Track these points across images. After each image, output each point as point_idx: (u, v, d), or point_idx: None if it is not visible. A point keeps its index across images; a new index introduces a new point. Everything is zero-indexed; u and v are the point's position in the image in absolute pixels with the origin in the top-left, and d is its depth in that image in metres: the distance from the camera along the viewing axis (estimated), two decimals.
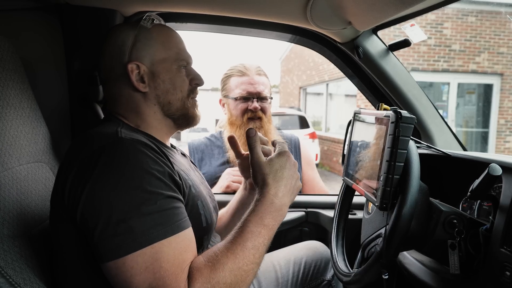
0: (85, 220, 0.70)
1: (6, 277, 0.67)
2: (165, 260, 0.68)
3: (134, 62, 0.89)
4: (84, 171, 0.72)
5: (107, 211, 0.68)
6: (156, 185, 0.72)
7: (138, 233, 0.67)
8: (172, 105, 0.93)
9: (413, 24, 1.33)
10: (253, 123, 1.60)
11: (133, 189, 0.70)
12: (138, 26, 0.92)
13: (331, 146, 10.35)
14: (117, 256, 0.67)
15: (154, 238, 0.68)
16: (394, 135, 0.86)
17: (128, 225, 0.67)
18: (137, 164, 0.73)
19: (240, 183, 1.54)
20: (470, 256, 0.86)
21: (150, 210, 0.69)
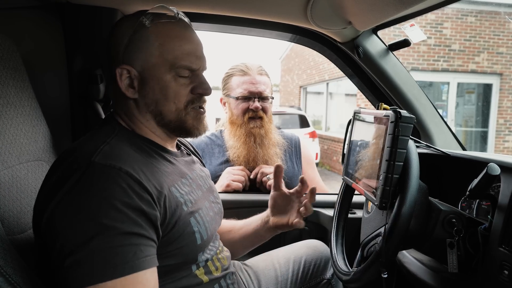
0: (45, 241, 0.69)
1: (6, 276, 0.67)
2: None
3: (124, 66, 0.81)
4: (51, 191, 0.69)
5: (60, 239, 0.65)
6: (115, 219, 0.65)
7: (83, 270, 0.62)
8: (165, 116, 0.84)
9: (412, 24, 1.33)
10: (254, 122, 1.61)
11: (88, 220, 0.64)
12: (136, 24, 0.82)
13: (331, 145, 10.35)
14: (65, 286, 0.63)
15: (99, 278, 0.62)
16: (393, 135, 0.86)
17: (76, 259, 0.63)
18: (99, 193, 0.66)
19: (240, 182, 1.55)
20: (468, 255, 0.87)
21: (101, 246, 0.63)
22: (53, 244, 0.66)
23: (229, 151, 1.64)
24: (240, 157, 1.61)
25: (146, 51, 0.81)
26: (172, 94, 0.83)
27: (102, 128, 0.84)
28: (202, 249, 0.87)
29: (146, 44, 0.81)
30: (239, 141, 1.61)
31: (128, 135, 0.83)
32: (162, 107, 0.83)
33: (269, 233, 1.17)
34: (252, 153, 1.60)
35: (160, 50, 0.81)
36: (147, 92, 0.82)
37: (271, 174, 1.57)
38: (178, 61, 0.82)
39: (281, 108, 9.82)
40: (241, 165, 1.61)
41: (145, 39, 0.81)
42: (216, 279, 0.91)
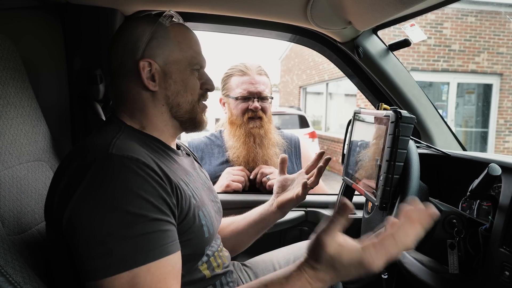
0: (68, 236, 0.69)
1: (6, 276, 0.67)
2: (143, 285, 0.65)
3: (147, 59, 0.86)
4: (71, 186, 0.70)
5: (88, 231, 0.66)
6: (141, 207, 0.68)
7: (116, 258, 0.65)
8: (181, 107, 0.91)
9: (413, 24, 1.33)
10: (253, 122, 1.60)
11: (115, 210, 0.67)
12: (156, 23, 0.89)
13: (330, 146, 10.36)
14: (94, 278, 0.65)
15: (132, 264, 0.65)
16: (394, 135, 0.86)
17: (107, 248, 0.65)
18: (122, 183, 0.69)
19: (240, 182, 1.55)
20: (469, 255, 0.87)
21: (131, 234, 0.66)
22: (79, 237, 0.67)
23: (228, 152, 1.64)
24: (239, 157, 1.61)
25: (167, 47, 0.88)
26: (191, 87, 0.91)
27: (107, 126, 0.86)
28: (209, 243, 0.89)
29: (168, 41, 0.89)
30: (238, 141, 1.61)
31: (134, 133, 0.86)
32: (181, 98, 0.90)
33: (274, 216, 1.20)
34: (251, 153, 1.60)
35: (179, 47, 0.90)
36: (169, 84, 0.89)
37: (271, 174, 1.57)
38: (193, 58, 0.91)
39: (281, 109, 9.82)
40: (241, 165, 1.61)
41: (166, 36, 0.89)
42: (217, 276, 0.92)
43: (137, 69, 0.85)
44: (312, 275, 0.68)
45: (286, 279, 0.69)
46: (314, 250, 0.68)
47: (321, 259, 0.67)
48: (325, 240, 0.66)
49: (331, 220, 0.67)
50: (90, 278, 0.66)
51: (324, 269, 0.67)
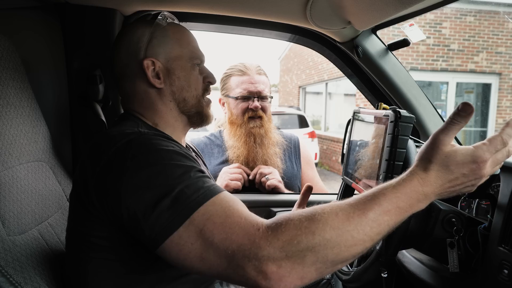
0: (133, 213, 0.67)
1: (7, 276, 0.67)
2: (216, 215, 0.65)
3: (150, 58, 0.89)
4: (114, 167, 0.71)
5: (149, 193, 0.67)
6: (188, 161, 0.73)
7: (181, 203, 0.66)
8: (188, 102, 0.94)
9: (412, 24, 1.33)
10: (254, 122, 1.61)
11: (167, 166, 0.70)
12: (154, 24, 0.93)
13: (330, 145, 10.36)
14: (171, 231, 0.64)
15: (198, 203, 0.66)
16: (393, 134, 0.86)
17: (173, 197, 0.66)
18: (164, 147, 0.74)
19: (238, 180, 1.55)
20: (468, 254, 0.87)
21: (187, 180, 0.68)
22: (143, 206, 0.66)
23: (228, 151, 1.64)
24: (240, 157, 1.61)
25: (167, 45, 0.92)
26: (194, 81, 0.94)
27: (124, 121, 0.89)
28: None
29: (167, 39, 0.92)
30: (239, 141, 1.61)
31: (149, 128, 0.89)
32: (186, 93, 0.93)
33: None
34: (252, 152, 1.60)
35: (178, 44, 0.93)
36: (173, 80, 0.92)
37: (270, 174, 1.57)
38: (192, 53, 0.94)
39: (280, 108, 9.82)
40: (242, 164, 1.61)
41: (165, 35, 0.92)
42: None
43: (141, 68, 0.89)
44: (424, 177, 0.66)
45: (397, 182, 0.66)
46: (429, 150, 0.67)
47: (435, 157, 0.66)
48: (442, 138, 0.66)
49: (450, 121, 0.66)
50: (167, 235, 0.64)
51: (437, 169, 0.66)
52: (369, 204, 0.64)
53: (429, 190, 0.66)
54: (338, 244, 0.61)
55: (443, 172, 0.66)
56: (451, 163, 0.66)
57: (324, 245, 0.60)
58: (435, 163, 0.66)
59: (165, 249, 0.65)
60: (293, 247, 0.59)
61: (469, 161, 0.66)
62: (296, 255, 0.59)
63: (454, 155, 0.66)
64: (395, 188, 0.65)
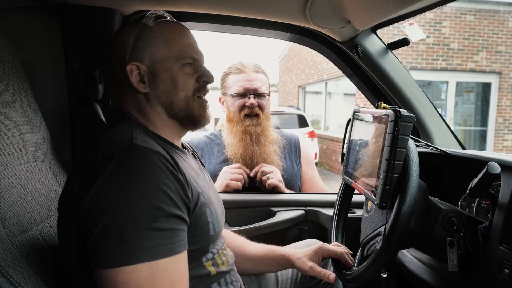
0: (86, 222, 0.69)
1: (7, 277, 0.67)
2: (161, 284, 0.67)
3: (134, 62, 0.87)
4: (93, 173, 0.71)
5: (106, 217, 0.67)
6: (161, 200, 0.70)
7: (129, 249, 0.66)
8: (175, 106, 0.90)
9: (412, 23, 1.33)
10: (250, 120, 1.60)
11: (136, 200, 0.68)
12: (139, 25, 0.89)
13: (330, 145, 10.36)
14: (106, 266, 0.65)
15: (142, 258, 0.66)
16: (393, 134, 0.86)
17: (123, 237, 0.66)
18: (146, 175, 0.71)
19: (239, 180, 1.55)
20: (469, 254, 0.87)
21: (149, 227, 0.67)
22: (97, 222, 0.67)
23: (227, 149, 1.64)
24: (237, 154, 1.61)
25: (152, 47, 0.88)
26: (181, 83, 0.89)
27: (120, 122, 0.88)
28: (214, 241, 0.90)
29: (152, 41, 0.88)
30: (235, 139, 1.61)
31: (144, 130, 0.87)
32: (172, 96, 0.89)
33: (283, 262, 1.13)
34: (249, 150, 1.60)
35: (165, 44, 0.89)
36: (158, 84, 0.88)
37: (271, 173, 1.57)
38: (182, 52, 0.89)
39: (280, 108, 9.82)
40: (239, 163, 1.61)
41: (150, 36, 0.89)
42: (222, 273, 0.92)
43: (126, 73, 0.87)
44: None
45: None
46: None
47: None
48: None
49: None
50: (100, 266, 0.66)
51: None
52: None
53: None
54: None
55: None
56: None
57: None
58: None
59: (96, 275, 0.68)
60: None
61: None
62: None
63: None
64: None
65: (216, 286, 0.90)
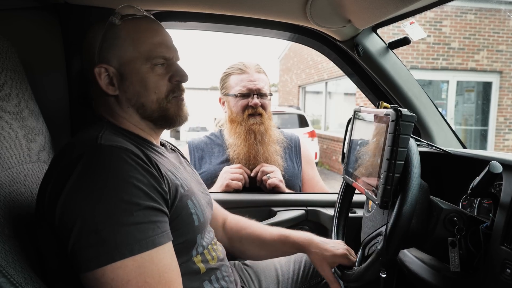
0: (61, 229, 0.68)
1: (7, 277, 0.67)
2: (150, 275, 0.66)
3: (102, 65, 0.84)
4: (61, 179, 0.70)
5: (80, 220, 0.66)
6: (134, 195, 0.69)
7: (109, 246, 0.65)
8: (147, 108, 0.86)
9: (412, 22, 1.33)
10: (254, 119, 1.61)
11: (108, 198, 0.67)
12: (106, 24, 0.86)
13: (330, 145, 10.35)
14: (90, 268, 0.65)
15: (125, 253, 0.65)
16: (394, 133, 0.86)
17: (100, 236, 0.65)
18: (114, 172, 0.69)
19: (239, 180, 1.55)
20: (470, 253, 0.87)
21: (125, 222, 0.66)
22: (72, 227, 0.66)
23: (229, 149, 1.64)
24: (240, 154, 1.61)
25: (120, 47, 0.84)
26: (152, 85, 0.85)
27: (90, 126, 0.86)
28: (200, 232, 0.88)
29: (119, 41, 0.84)
30: (239, 139, 1.61)
31: (117, 129, 0.85)
32: (144, 99, 0.86)
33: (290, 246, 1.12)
34: (253, 150, 1.60)
35: (133, 44, 0.84)
36: (127, 87, 0.85)
37: (271, 173, 1.57)
38: (151, 52, 0.85)
39: (280, 108, 9.82)
40: (242, 163, 1.61)
41: (117, 36, 0.85)
42: (212, 270, 0.91)
43: (95, 76, 0.85)
44: None
45: None
46: None
47: None
48: None
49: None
50: (84, 270, 0.65)
51: None
52: None
53: None
54: None
55: None
56: None
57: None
58: None
59: (83, 278, 0.67)
60: None
61: None
62: None
63: None
64: None
65: (207, 284, 0.89)
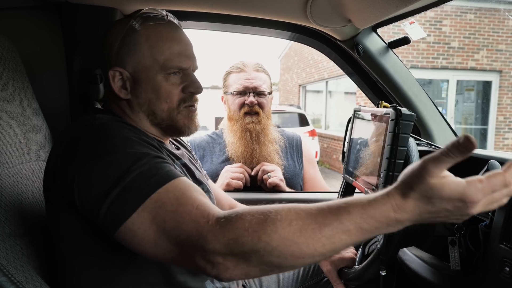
0: (84, 201, 0.69)
1: (8, 276, 0.67)
2: (169, 203, 0.65)
3: (117, 68, 0.85)
4: (70, 153, 0.72)
5: (100, 182, 0.67)
6: (142, 148, 0.72)
7: (135, 190, 0.66)
8: (157, 115, 0.87)
9: (412, 22, 1.33)
10: (250, 118, 1.61)
11: (119, 154, 0.69)
12: (126, 27, 0.86)
13: (330, 144, 10.36)
14: (123, 220, 0.65)
15: (151, 189, 0.66)
16: (394, 133, 0.86)
17: (123, 186, 0.66)
18: (119, 133, 0.72)
19: (240, 179, 1.55)
20: (470, 252, 0.87)
21: (140, 167, 0.68)
22: (94, 195, 0.67)
23: (228, 148, 1.65)
24: (237, 152, 1.61)
25: (137, 53, 0.84)
26: (165, 94, 0.86)
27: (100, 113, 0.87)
28: None
29: (137, 47, 0.84)
30: (235, 137, 1.62)
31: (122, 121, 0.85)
32: (155, 107, 0.86)
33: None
34: (249, 149, 1.60)
35: (150, 52, 0.84)
36: (140, 93, 0.86)
37: (272, 172, 1.57)
38: (168, 61, 0.85)
39: (281, 107, 9.82)
40: (240, 161, 1.61)
41: (136, 41, 0.85)
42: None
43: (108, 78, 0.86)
44: (400, 204, 0.58)
45: (368, 201, 0.59)
46: (413, 176, 0.58)
47: (418, 186, 0.57)
48: (431, 169, 0.56)
49: (445, 153, 0.56)
50: (119, 224, 0.65)
51: (417, 199, 0.57)
52: (329, 218, 0.59)
53: (403, 217, 0.58)
54: (283, 254, 0.58)
55: (423, 203, 0.58)
56: (435, 195, 0.57)
57: (269, 251, 0.58)
58: (416, 191, 0.57)
59: (120, 236, 0.66)
60: (237, 247, 0.59)
61: (456, 198, 0.57)
62: (241, 255, 0.59)
63: (440, 188, 0.56)
64: (363, 207, 0.58)
65: (209, 283, 0.89)
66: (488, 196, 0.57)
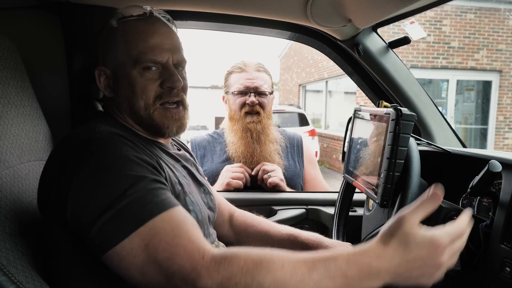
0: (76, 217, 0.68)
1: (8, 275, 0.67)
2: (164, 233, 0.64)
3: (101, 66, 0.86)
4: (66, 169, 0.71)
5: (94, 202, 0.66)
6: (139, 170, 0.70)
7: (128, 216, 0.65)
8: (137, 113, 0.84)
9: (412, 22, 1.33)
10: (251, 117, 1.61)
11: (117, 176, 0.68)
12: (107, 25, 0.86)
13: (330, 144, 10.36)
14: (113, 244, 0.64)
15: (145, 218, 0.65)
16: (394, 133, 0.86)
17: (117, 210, 0.65)
18: (117, 152, 0.71)
19: (240, 179, 1.55)
20: (470, 252, 0.87)
21: (136, 193, 0.67)
22: (87, 214, 0.66)
23: (228, 148, 1.65)
24: (238, 152, 1.61)
25: (114, 50, 0.84)
26: (140, 90, 0.83)
27: (92, 120, 0.86)
28: (202, 227, 0.87)
29: (115, 44, 0.84)
30: (236, 136, 1.62)
31: (119, 125, 0.86)
32: (133, 104, 0.84)
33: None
34: (249, 148, 1.60)
35: (125, 47, 0.83)
36: (120, 90, 0.85)
37: (272, 172, 1.57)
38: (141, 55, 0.82)
39: (281, 107, 9.82)
40: (240, 161, 1.61)
41: (113, 39, 0.85)
42: None
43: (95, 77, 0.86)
44: (381, 252, 0.63)
45: (354, 250, 0.65)
46: (392, 226, 0.64)
47: (397, 233, 0.63)
48: (408, 218, 0.64)
49: (420, 205, 0.65)
50: (108, 247, 0.65)
51: (396, 245, 0.63)
52: (317, 264, 0.62)
53: (383, 266, 0.62)
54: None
55: (401, 250, 0.63)
56: (410, 242, 0.63)
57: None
58: (395, 238, 0.63)
59: (107, 258, 0.66)
60: (230, 285, 0.59)
61: (427, 243, 0.63)
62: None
63: (415, 234, 0.63)
64: (348, 256, 0.63)
65: None
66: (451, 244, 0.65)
